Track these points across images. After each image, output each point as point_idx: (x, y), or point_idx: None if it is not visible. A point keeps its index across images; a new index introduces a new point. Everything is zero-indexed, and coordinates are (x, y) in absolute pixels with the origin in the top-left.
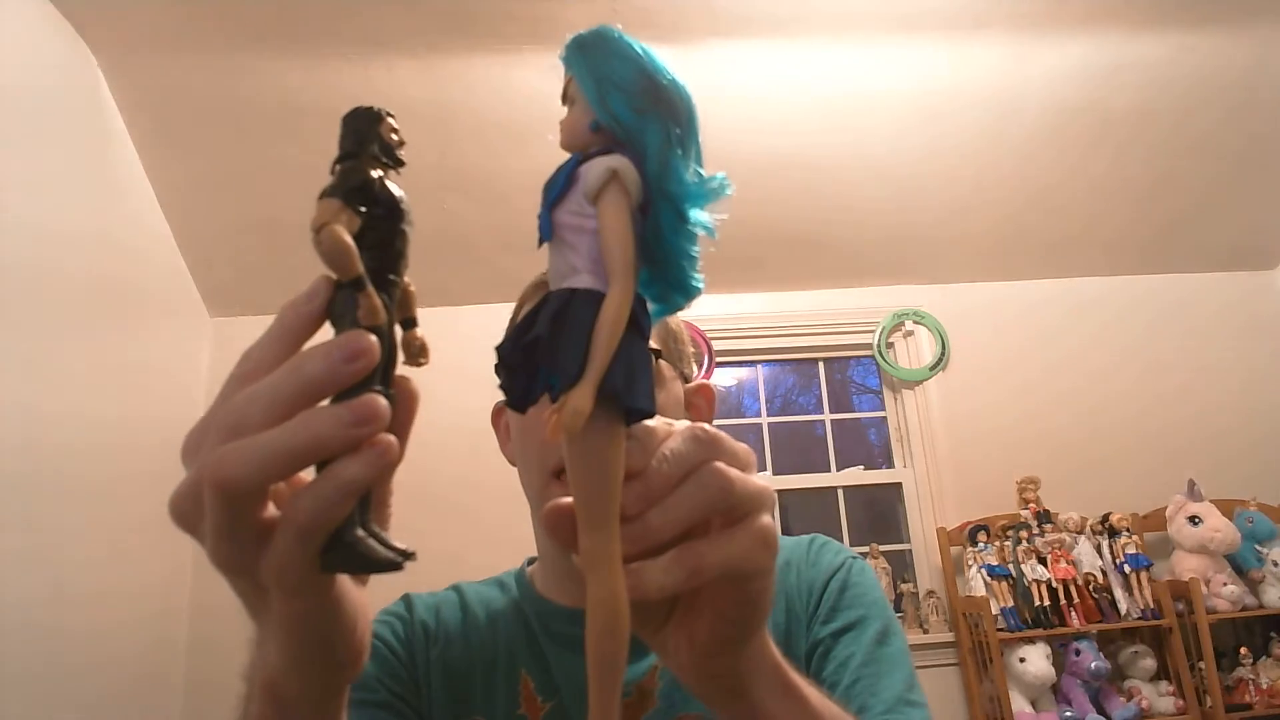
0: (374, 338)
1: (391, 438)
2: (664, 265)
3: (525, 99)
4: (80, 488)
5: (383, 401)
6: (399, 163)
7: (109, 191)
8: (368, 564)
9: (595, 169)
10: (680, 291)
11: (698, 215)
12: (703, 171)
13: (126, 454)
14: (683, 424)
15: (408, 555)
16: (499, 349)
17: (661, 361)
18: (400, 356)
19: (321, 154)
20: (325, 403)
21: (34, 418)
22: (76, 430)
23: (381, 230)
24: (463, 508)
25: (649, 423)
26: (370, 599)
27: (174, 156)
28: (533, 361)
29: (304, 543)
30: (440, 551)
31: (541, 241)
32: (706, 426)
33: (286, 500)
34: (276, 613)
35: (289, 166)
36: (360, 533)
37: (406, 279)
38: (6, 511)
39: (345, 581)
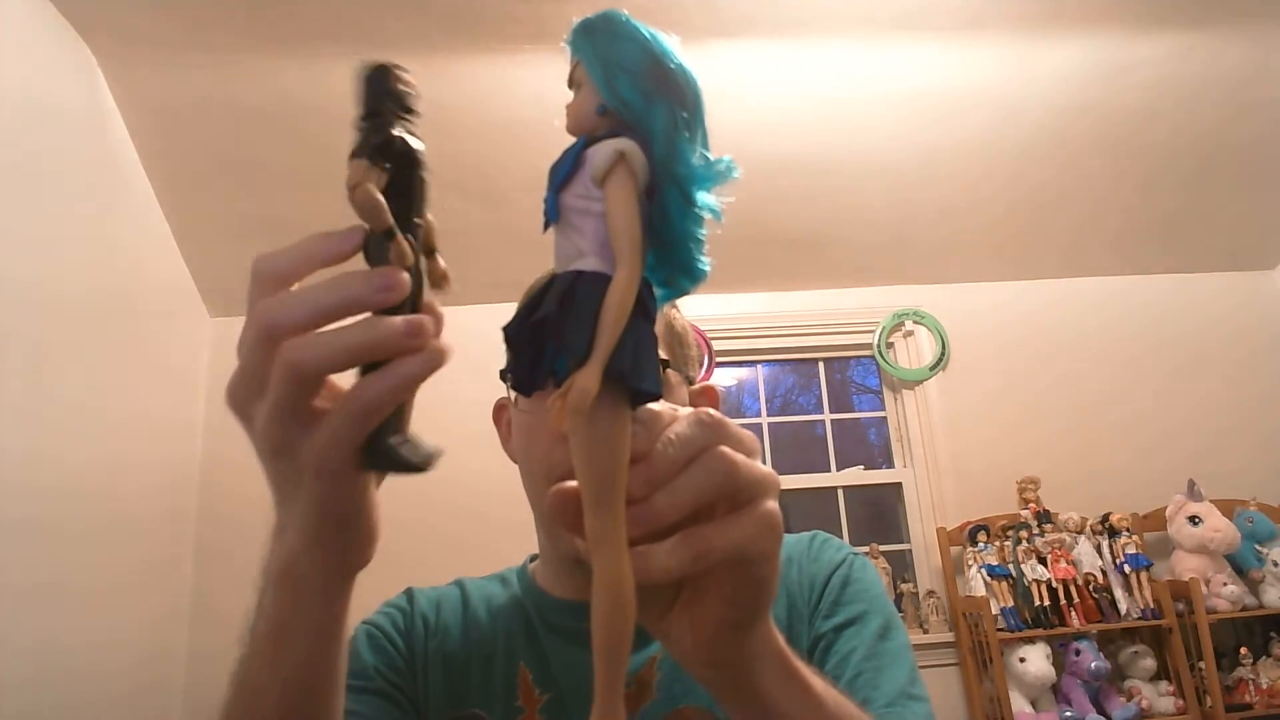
0: (406, 275)
1: (443, 345)
2: (671, 248)
3: (525, 99)
4: (81, 488)
5: (430, 322)
6: (412, 110)
7: (109, 192)
8: (402, 465)
9: (602, 151)
10: (686, 275)
11: (704, 198)
12: (709, 155)
13: (126, 454)
14: (688, 410)
15: (434, 456)
16: (506, 329)
17: (669, 370)
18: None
19: (322, 154)
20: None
21: (34, 417)
22: (77, 430)
23: (404, 179)
24: (464, 505)
25: (654, 406)
26: (375, 593)
27: (174, 156)
28: (540, 341)
29: (358, 425)
30: (442, 548)
31: (547, 224)
32: (711, 411)
33: (347, 389)
34: (307, 491)
35: (289, 166)
36: (395, 439)
37: (429, 216)
38: (7, 510)
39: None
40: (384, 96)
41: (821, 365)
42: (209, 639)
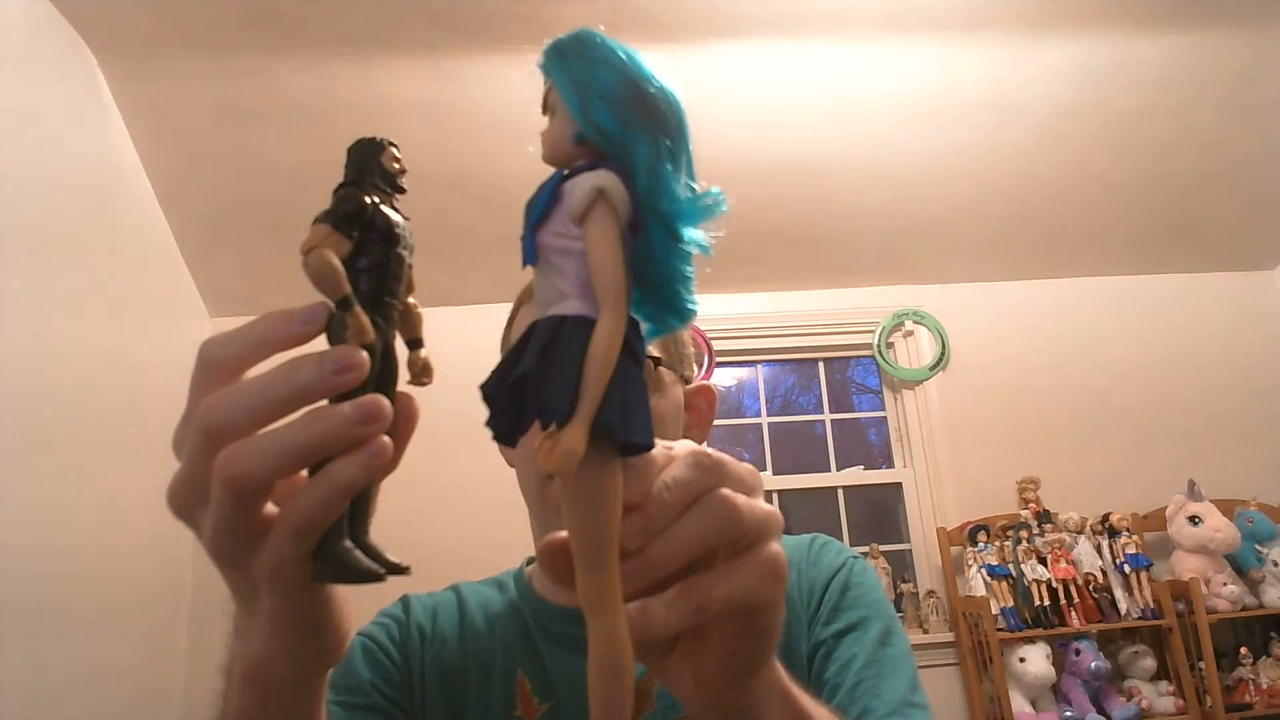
0: (365, 354)
1: (386, 440)
2: (657, 287)
3: (525, 99)
4: (81, 485)
5: (386, 401)
6: (398, 189)
7: (109, 191)
8: (353, 574)
9: (580, 188)
10: (674, 314)
11: (692, 234)
12: (696, 186)
13: (126, 454)
14: (683, 444)
15: (400, 569)
16: (483, 388)
17: (661, 369)
18: (405, 376)
19: (322, 154)
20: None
21: (34, 416)
22: (76, 428)
23: (376, 254)
24: (462, 507)
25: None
26: (371, 600)
27: (174, 157)
28: (520, 400)
29: (298, 541)
30: (439, 551)
31: (525, 264)
32: (710, 451)
33: (284, 501)
34: (267, 606)
35: (288, 165)
36: (347, 543)
37: (411, 300)
38: (5, 511)
39: None
40: (368, 169)
41: (821, 365)
42: (209, 633)
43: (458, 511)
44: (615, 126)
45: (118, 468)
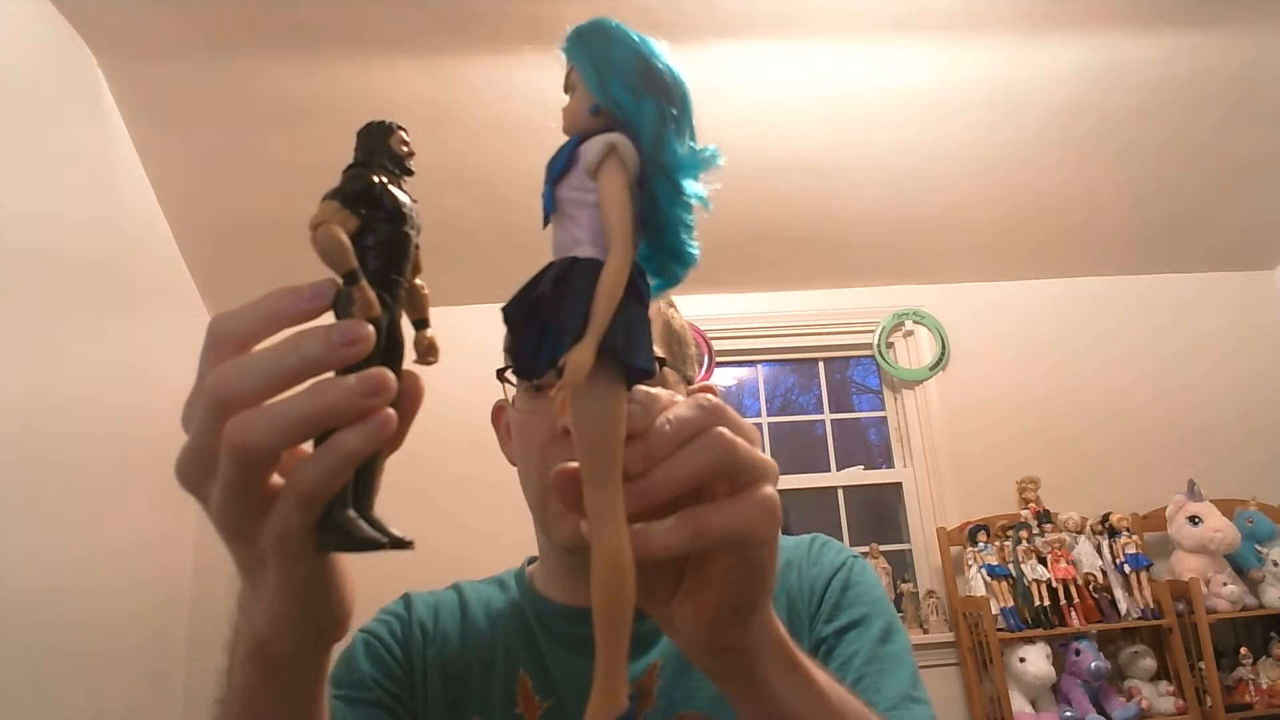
0: (371, 327)
1: (391, 411)
2: (661, 235)
3: (525, 99)
4: (80, 483)
5: (391, 375)
6: (407, 171)
7: (109, 191)
8: (356, 543)
9: (594, 145)
10: (678, 260)
11: (691, 186)
12: (695, 145)
13: (125, 452)
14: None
15: (404, 543)
16: (505, 309)
17: (666, 369)
18: (411, 355)
19: (322, 153)
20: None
21: (33, 413)
22: (76, 427)
23: (383, 232)
24: (463, 506)
25: (652, 390)
26: (372, 598)
27: (174, 156)
28: (537, 321)
29: (304, 510)
30: (440, 550)
31: (546, 217)
32: (711, 396)
33: (289, 470)
34: (273, 578)
35: (289, 165)
36: (350, 513)
37: (419, 281)
38: (6, 506)
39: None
40: (378, 150)
41: (821, 365)
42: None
43: (458, 510)
44: (628, 97)
45: (118, 467)
